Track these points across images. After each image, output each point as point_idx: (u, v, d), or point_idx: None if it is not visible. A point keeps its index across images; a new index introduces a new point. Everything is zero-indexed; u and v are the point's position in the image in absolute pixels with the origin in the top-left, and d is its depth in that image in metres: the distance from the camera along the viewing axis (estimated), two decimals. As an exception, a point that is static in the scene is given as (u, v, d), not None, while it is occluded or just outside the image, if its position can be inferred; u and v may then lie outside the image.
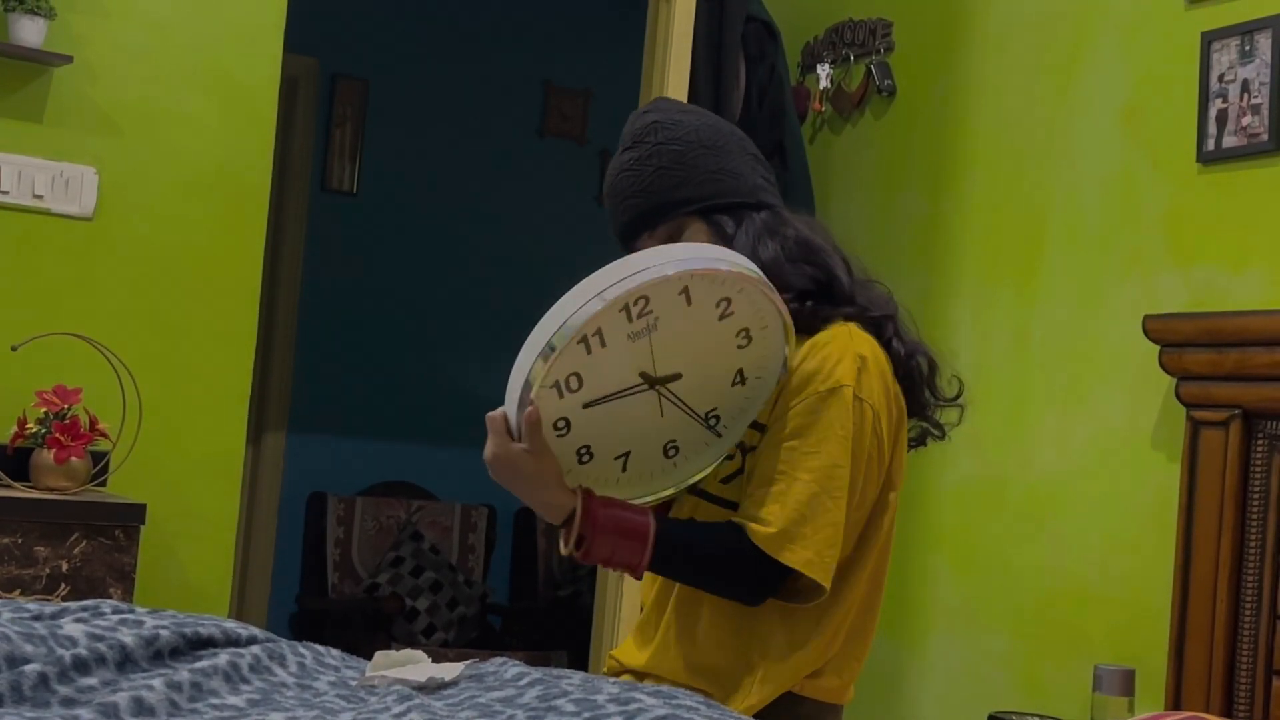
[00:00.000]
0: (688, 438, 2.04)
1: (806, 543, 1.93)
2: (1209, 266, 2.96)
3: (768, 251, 2.06)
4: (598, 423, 1.96)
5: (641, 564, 1.94)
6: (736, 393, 2.02)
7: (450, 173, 6.12)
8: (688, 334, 1.94)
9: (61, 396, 3.02)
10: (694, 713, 1.46)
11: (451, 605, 5.86)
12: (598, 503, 1.93)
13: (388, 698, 1.61)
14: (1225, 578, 2.72)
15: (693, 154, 2.10)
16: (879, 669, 3.50)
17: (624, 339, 1.91)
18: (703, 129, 2.13)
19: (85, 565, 2.88)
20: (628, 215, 2.13)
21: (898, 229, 3.78)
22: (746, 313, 1.95)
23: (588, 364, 1.90)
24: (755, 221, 2.09)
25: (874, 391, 2.01)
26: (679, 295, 1.89)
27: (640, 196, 2.11)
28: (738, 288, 1.92)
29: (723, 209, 2.09)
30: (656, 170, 2.09)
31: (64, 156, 3.27)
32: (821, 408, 1.97)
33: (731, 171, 2.12)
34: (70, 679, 1.50)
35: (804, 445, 1.96)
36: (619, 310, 1.87)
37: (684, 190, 2.09)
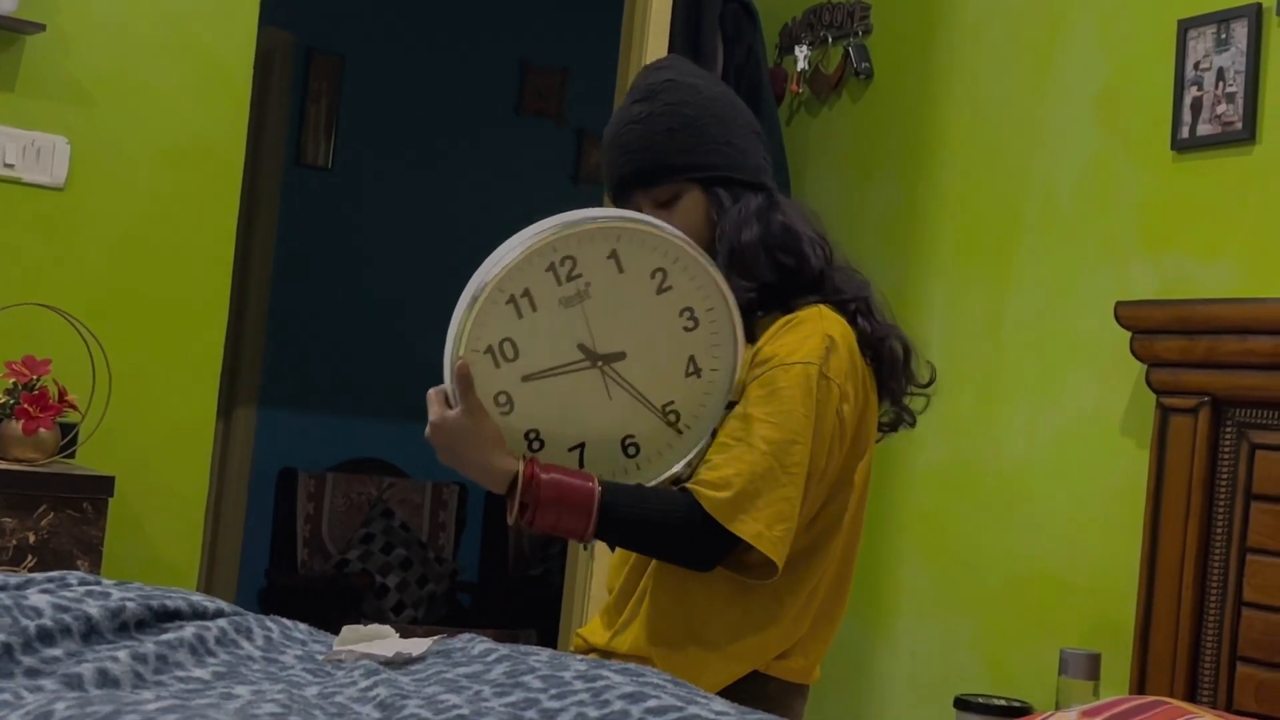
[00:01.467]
0: (646, 433, 2.00)
1: (757, 515, 1.91)
2: (1181, 254, 2.97)
3: (750, 234, 2.05)
4: (543, 403, 1.94)
5: (587, 531, 1.92)
6: (693, 386, 1.99)
7: (426, 150, 6.11)
8: (625, 307, 1.92)
9: (30, 367, 3.00)
10: (661, 689, 1.46)
11: (421, 582, 5.86)
12: (540, 469, 1.91)
13: (354, 672, 1.61)
14: (1191, 564, 2.74)
15: (704, 121, 2.09)
16: (846, 651, 3.51)
17: (555, 304, 1.89)
18: (718, 99, 2.12)
19: (53, 537, 2.86)
20: (628, 169, 2.10)
21: (872, 213, 3.78)
22: (687, 289, 1.94)
23: (520, 330, 1.89)
24: (750, 202, 2.08)
25: (841, 371, 2.00)
26: (608, 259, 1.88)
27: (645, 153, 2.08)
28: (672, 258, 1.91)
29: (722, 182, 2.09)
30: (666, 131, 2.08)
31: (36, 125, 3.24)
32: (783, 381, 1.96)
33: (738, 147, 2.11)
34: (35, 650, 1.49)
35: (761, 414, 1.95)
36: (545, 270, 1.86)
37: (689, 156, 2.08)
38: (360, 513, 5.91)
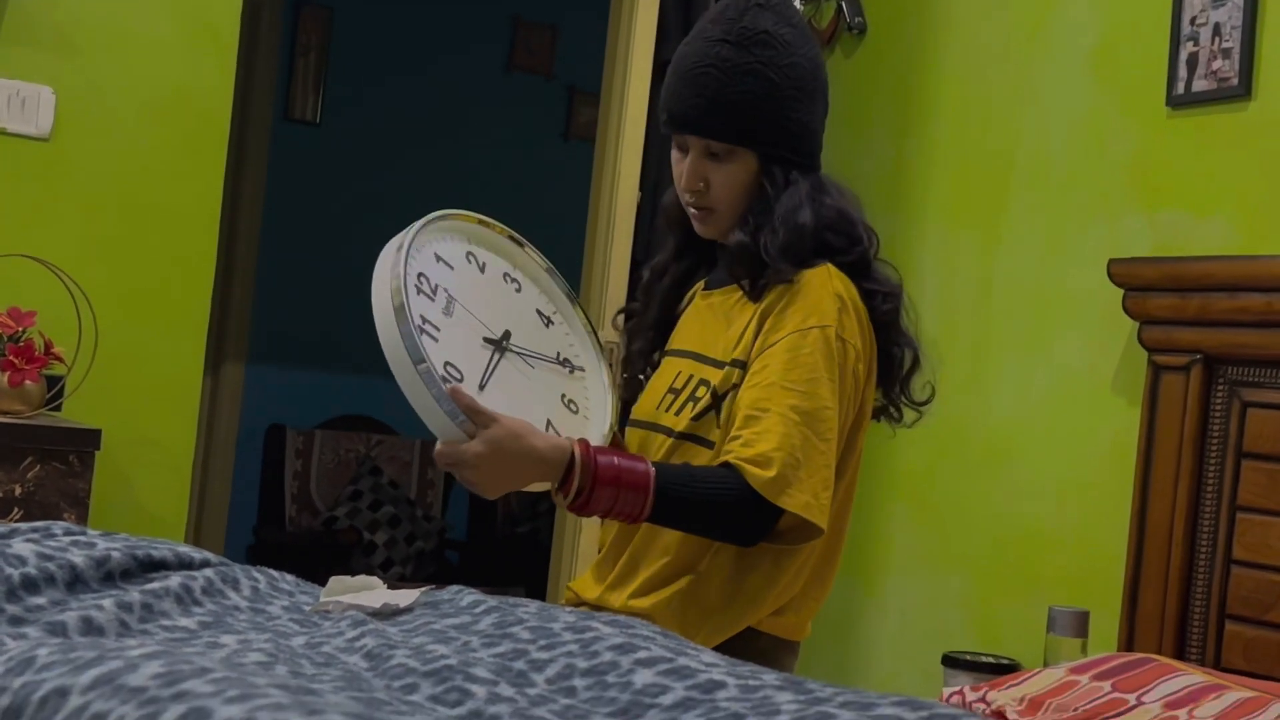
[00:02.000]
0: (568, 388, 2.08)
1: (803, 486, 1.91)
2: (1175, 211, 2.95)
3: (805, 216, 2.04)
4: (507, 399, 1.96)
5: (643, 514, 1.92)
6: (556, 333, 2.11)
7: (415, 105, 6.07)
8: (476, 294, 2.01)
9: (16, 319, 2.97)
10: (650, 641, 1.45)
11: (410, 540, 5.86)
12: (596, 451, 1.91)
13: (342, 623, 1.60)
14: (1182, 522, 2.73)
15: (785, 94, 2.05)
16: (836, 609, 3.51)
17: (441, 316, 1.96)
18: (806, 64, 2.07)
19: (39, 490, 2.85)
20: (692, 112, 2.06)
21: (864, 169, 3.76)
22: (495, 261, 2.08)
23: (446, 349, 1.93)
24: (800, 185, 2.06)
25: (854, 332, 2.01)
26: (437, 262, 1.98)
27: (715, 104, 2.04)
28: (466, 235, 2.06)
29: (780, 160, 2.06)
30: (746, 91, 2.03)
31: (20, 75, 3.20)
32: (804, 345, 1.96)
33: (809, 128, 2.08)
34: (19, 598, 1.48)
35: (788, 381, 1.95)
36: (417, 294, 1.93)
37: (759, 127, 2.05)
38: (348, 470, 5.90)
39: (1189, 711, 2.06)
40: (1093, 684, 2.20)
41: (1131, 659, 2.30)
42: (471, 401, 1.88)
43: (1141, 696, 2.13)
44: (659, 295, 2.27)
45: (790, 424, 1.92)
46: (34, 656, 1.09)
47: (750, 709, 1.25)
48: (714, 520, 1.97)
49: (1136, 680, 2.18)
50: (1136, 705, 2.11)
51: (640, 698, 1.32)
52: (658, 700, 1.30)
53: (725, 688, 1.31)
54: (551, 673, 1.40)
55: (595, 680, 1.37)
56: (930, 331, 3.28)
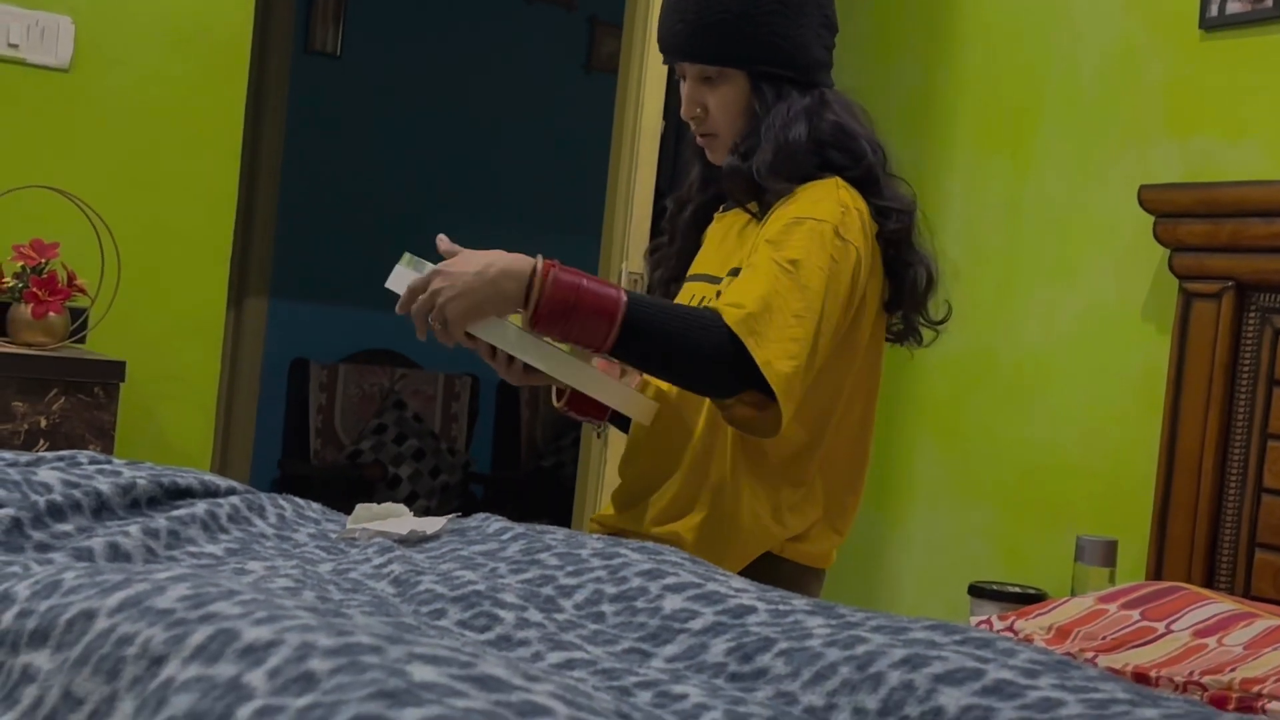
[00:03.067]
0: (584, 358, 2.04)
1: (766, 341, 1.86)
2: (1207, 136, 2.91)
3: (797, 132, 2.02)
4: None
5: (607, 340, 1.84)
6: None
7: (436, 37, 6.02)
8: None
9: (39, 251, 2.96)
10: (679, 567, 1.44)
11: (434, 473, 5.87)
12: (559, 268, 1.85)
13: (369, 549, 1.60)
14: (1211, 450, 2.71)
15: (767, 8, 2.03)
16: (861, 540, 3.50)
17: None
18: None
19: (64, 421, 2.85)
20: (680, 38, 2.07)
21: (892, 96, 3.72)
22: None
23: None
24: (795, 101, 2.04)
25: (856, 233, 1.98)
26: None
27: (700, 29, 2.04)
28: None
29: (771, 78, 2.05)
30: (724, 11, 2.03)
31: (39, 5, 3.18)
32: (795, 230, 1.94)
33: (798, 42, 2.06)
34: (45, 524, 1.48)
35: (779, 255, 1.92)
36: None
37: (744, 46, 2.04)
38: (372, 403, 5.91)
39: (1218, 639, 2.04)
40: (1121, 613, 2.19)
41: (1160, 587, 2.28)
42: (448, 245, 1.89)
43: (1170, 625, 2.11)
44: (682, 225, 2.25)
45: (775, 270, 1.90)
46: (60, 580, 1.08)
47: (781, 633, 1.24)
48: (684, 355, 1.88)
49: (1165, 609, 2.17)
50: (1165, 633, 2.10)
51: (669, 623, 1.31)
52: (687, 625, 1.30)
53: (755, 612, 1.30)
54: (580, 598, 1.39)
55: (624, 606, 1.36)
56: (958, 259, 3.25)
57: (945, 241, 2.15)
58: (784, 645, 1.22)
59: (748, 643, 1.24)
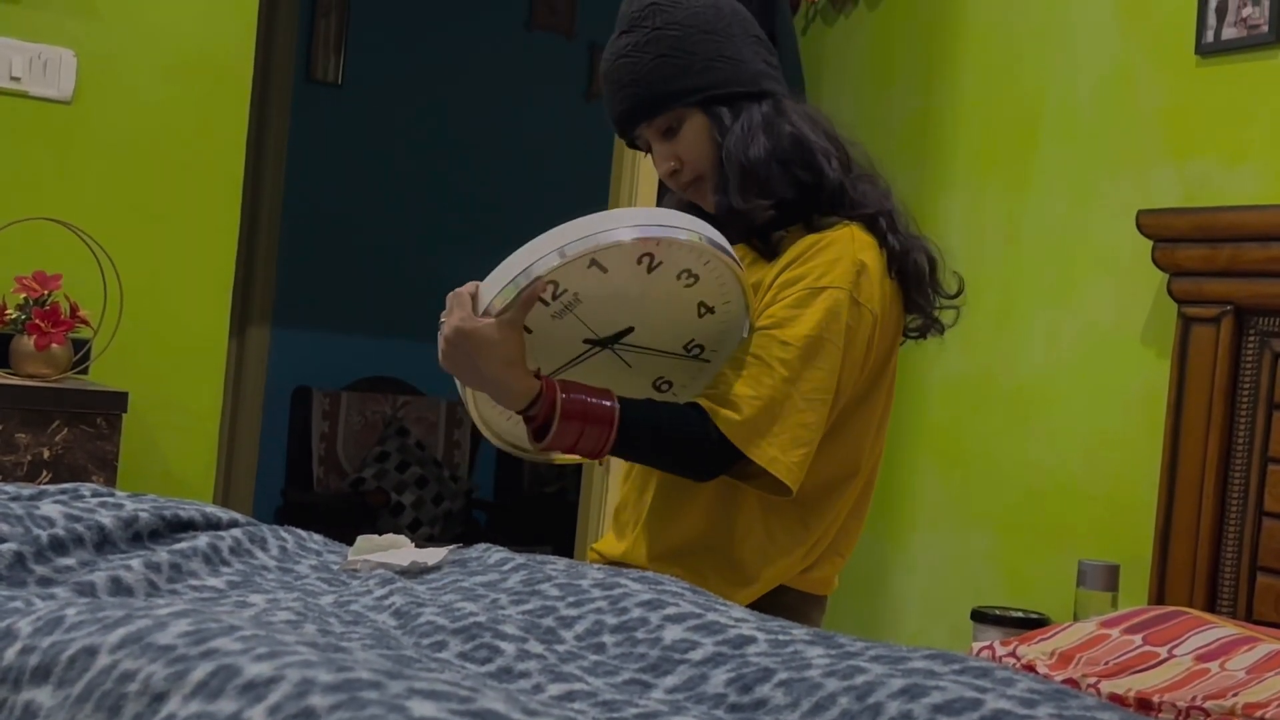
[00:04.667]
0: (674, 373, 2.01)
1: (773, 440, 1.89)
2: (1204, 161, 2.92)
3: (758, 149, 2.00)
4: (575, 377, 1.94)
5: (605, 449, 1.88)
6: (709, 322, 1.96)
7: (436, 65, 6.05)
8: (619, 294, 1.88)
9: (41, 282, 2.97)
10: (679, 597, 1.45)
11: (437, 500, 5.88)
12: (561, 386, 1.86)
13: (370, 581, 1.60)
14: (1212, 474, 2.72)
15: (692, 40, 2.03)
16: (864, 564, 3.50)
17: (547, 320, 1.87)
18: (703, 10, 2.05)
19: (67, 453, 2.86)
20: (625, 105, 2.07)
21: (890, 122, 3.73)
22: (678, 258, 1.87)
23: (532, 346, 1.88)
24: (754, 114, 2.03)
25: (873, 296, 1.97)
26: (589, 268, 1.83)
27: (636, 86, 2.04)
28: (654, 242, 1.84)
29: (723, 99, 2.03)
30: (655, 58, 2.02)
31: (42, 38, 3.20)
32: (811, 303, 1.93)
33: (732, 58, 2.05)
34: (47, 559, 1.48)
35: (784, 336, 1.92)
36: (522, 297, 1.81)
37: (683, 80, 2.03)
38: (375, 431, 5.91)
39: (1221, 664, 2.05)
40: (1123, 637, 2.19)
41: (1162, 612, 2.28)
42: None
43: (1173, 649, 2.12)
44: None
45: (776, 378, 1.90)
46: (62, 616, 1.09)
47: (781, 664, 1.25)
48: (672, 457, 1.95)
49: (1168, 633, 2.17)
50: (1168, 658, 2.10)
51: (670, 653, 1.31)
52: (687, 656, 1.30)
53: (755, 643, 1.31)
54: (580, 629, 1.40)
55: (624, 636, 1.37)
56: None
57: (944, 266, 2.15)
58: (784, 676, 1.22)
59: (747, 673, 1.24)
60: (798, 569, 2.05)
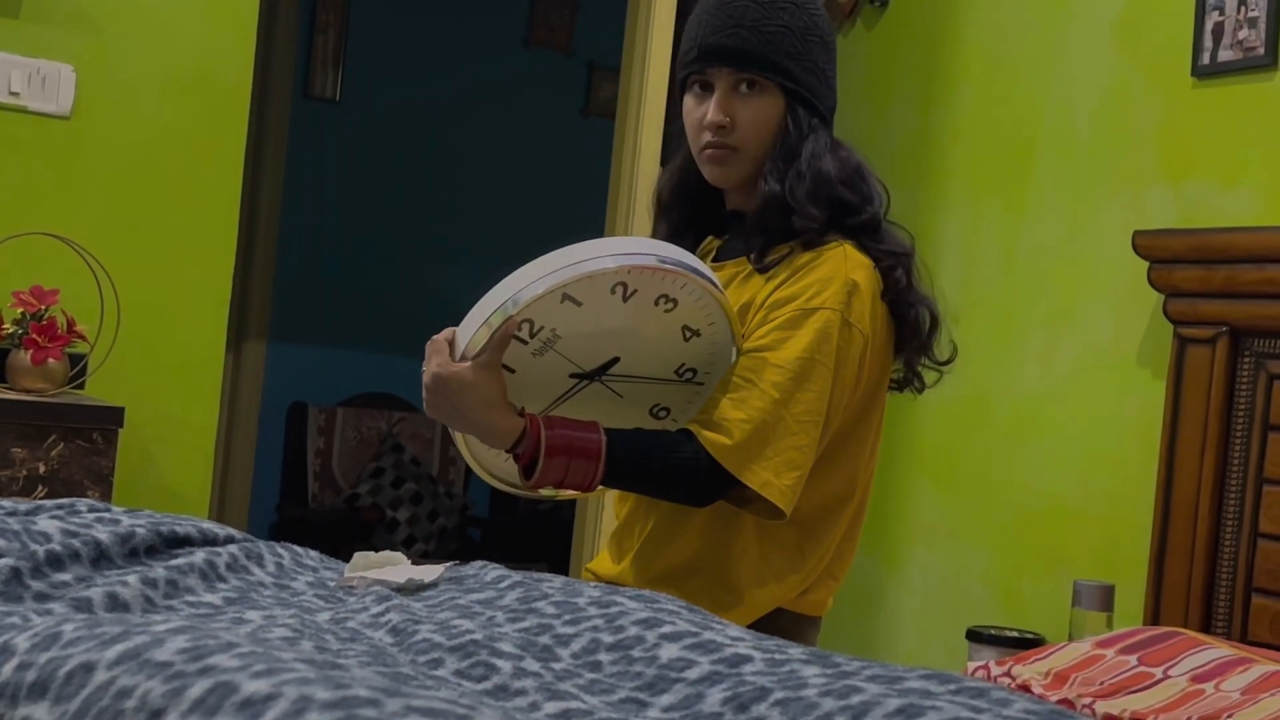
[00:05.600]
0: (669, 398, 2.00)
1: (765, 464, 1.88)
2: (1200, 182, 2.93)
3: (829, 164, 2.01)
4: (567, 412, 1.94)
5: (594, 482, 1.88)
6: (696, 345, 1.96)
7: (434, 81, 6.06)
8: (598, 326, 1.88)
9: (38, 297, 2.98)
10: (676, 615, 1.45)
11: (432, 517, 5.87)
12: (545, 423, 1.86)
13: (366, 598, 1.60)
14: (1207, 495, 2.72)
15: (815, 36, 2.05)
16: (859, 584, 3.50)
17: (528, 359, 1.87)
18: (827, 25, 2.09)
19: (63, 467, 2.85)
20: (729, 41, 2.02)
21: (887, 142, 3.74)
22: (652, 285, 1.86)
23: (510, 384, 1.87)
24: (821, 135, 2.04)
25: (864, 316, 1.97)
26: (561, 304, 1.83)
27: (753, 34, 2.01)
28: (625, 270, 1.83)
29: (808, 104, 2.04)
30: (784, 26, 2.02)
31: (41, 53, 3.20)
32: (802, 324, 1.93)
33: (830, 82, 2.09)
34: (44, 574, 1.48)
35: (776, 359, 1.92)
36: (497, 339, 1.82)
37: (795, 62, 2.02)
38: (371, 447, 5.91)
39: (1215, 685, 2.05)
40: (1118, 658, 2.19)
41: (1157, 633, 2.29)
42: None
43: (1168, 670, 2.12)
44: None
45: (767, 400, 1.90)
46: (60, 632, 1.09)
47: (777, 683, 1.25)
48: (664, 484, 1.95)
49: (1163, 654, 2.17)
50: (1163, 679, 2.10)
51: (666, 672, 1.31)
52: (683, 674, 1.30)
53: (751, 661, 1.31)
54: (577, 647, 1.40)
55: (621, 655, 1.37)
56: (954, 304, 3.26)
57: (941, 286, 2.16)
58: (780, 695, 1.22)
59: (743, 692, 1.24)
60: (794, 594, 2.05)
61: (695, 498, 1.96)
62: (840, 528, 2.07)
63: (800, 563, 2.03)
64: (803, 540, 2.03)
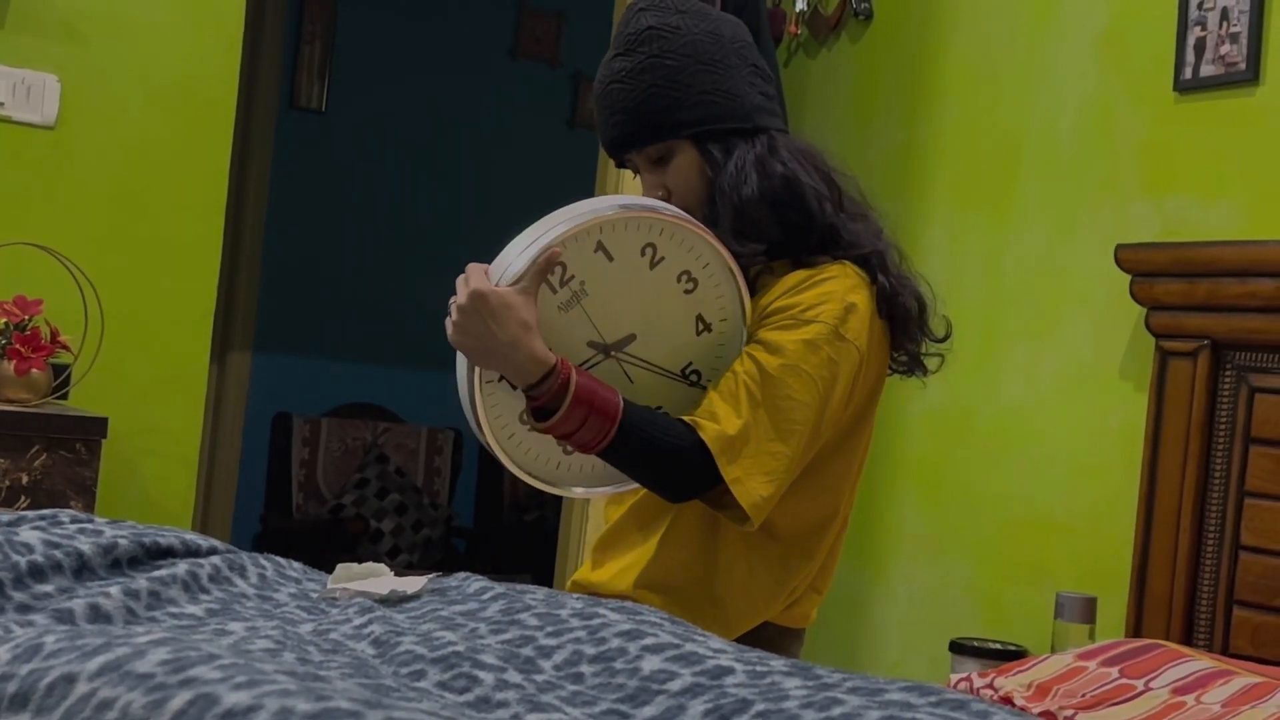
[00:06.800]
0: (671, 400, 1.99)
1: (742, 461, 1.88)
2: (1183, 196, 2.94)
3: (750, 189, 1.97)
4: None
5: (601, 443, 1.86)
6: (707, 341, 1.97)
7: (420, 93, 6.06)
8: (623, 290, 1.89)
9: (22, 307, 2.97)
10: (658, 627, 1.45)
11: (416, 527, 5.86)
12: (578, 370, 1.85)
13: (349, 609, 1.60)
14: (1189, 508, 2.73)
15: (688, 71, 1.99)
16: (843, 595, 3.51)
17: (554, 311, 1.86)
18: (702, 39, 2.01)
19: (46, 478, 2.85)
20: (616, 131, 2.04)
21: (872, 155, 3.75)
22: (678, 255, 1.88)
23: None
24: (746, 152, 2.00)
25: (860, 335, 1.96)
26: (595, 253, 1.84)
27: (629, 114, 2.01)
28: (657, 230, 1.86)
29: (716, 135, 2.00)
30: (649, 87, 1.99)
31: (26, 63, 3.20)
32: (795, 334, 1.93)
33: (728, 92, 2.01)
34: (26, 585, 1.48)
35: (771, 368, 1.92)
36: (532, 278, 1.82)
37: (676, 113, 1.99)
38: (355, 457, 5.90)
39: (1196, 697, 2.05)
40: (1100, 670, 2.20)
41: (1139, 645, 2.29)
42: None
43: (1149, 682, 2.12)
44: None
45: (754, 404, 1.90)
46: (41, 643, 1.09)
47: (758, 695, 1.25)
48: (657, 465, 1.91)
49: (1144, 666, 2.18)
50: (1144, 691, 2.11)
51: (648, 684, 1.31)
52: (665, 686, 1.30)
53: (733, 673, 1.31)
54: (559, 659, 1.40)
55: (603, 667, 1.37)
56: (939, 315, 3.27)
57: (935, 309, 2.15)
58: (761, 707, 1.22)
59: (725, 704, 1.25)
60: (779, 609, 2.05)
61: (677, 487, 1.94)
62: (826, 544, 2.07)
63: (786, 579, 2.03)
64: (789, 557, 2.03)
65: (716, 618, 1.99)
